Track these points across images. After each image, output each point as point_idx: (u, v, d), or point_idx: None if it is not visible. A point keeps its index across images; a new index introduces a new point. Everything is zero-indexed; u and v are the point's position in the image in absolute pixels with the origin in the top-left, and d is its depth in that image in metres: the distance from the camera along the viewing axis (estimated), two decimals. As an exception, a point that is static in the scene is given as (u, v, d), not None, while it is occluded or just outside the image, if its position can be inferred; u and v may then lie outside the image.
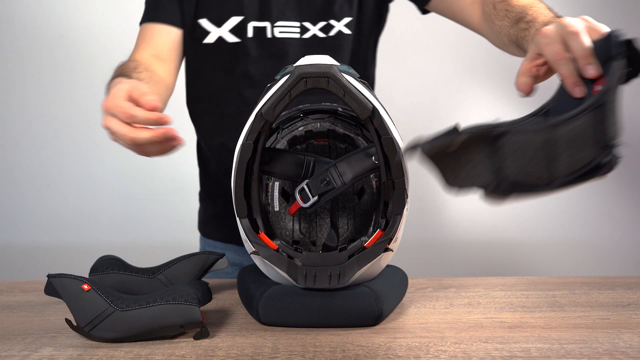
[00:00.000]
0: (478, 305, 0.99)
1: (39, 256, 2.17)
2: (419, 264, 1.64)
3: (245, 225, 0.91)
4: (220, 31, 1.25)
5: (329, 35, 1.25)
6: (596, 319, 0.92)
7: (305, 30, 1.25)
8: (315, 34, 1.25)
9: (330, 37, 1.25)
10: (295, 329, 0.88)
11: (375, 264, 0.90)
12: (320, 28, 1.24)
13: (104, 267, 0.99)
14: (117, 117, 0.88)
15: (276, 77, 0.93)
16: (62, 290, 0.83)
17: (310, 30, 1.24)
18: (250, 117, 0.92)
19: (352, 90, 0.86)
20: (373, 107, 0.87)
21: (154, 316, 0.82)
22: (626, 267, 2.20)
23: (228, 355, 0.79)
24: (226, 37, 1.25)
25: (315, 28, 1.24)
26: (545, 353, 0.78)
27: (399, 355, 0.78)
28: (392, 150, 0.88)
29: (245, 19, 1.24)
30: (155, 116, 0.86)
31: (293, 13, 1.24)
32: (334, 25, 1.24)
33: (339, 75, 0.86)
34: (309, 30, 1.24)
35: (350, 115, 0.99)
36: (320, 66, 0.86)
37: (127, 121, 0.88)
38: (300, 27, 1.25)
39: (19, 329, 0.89)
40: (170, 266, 1.00)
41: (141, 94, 0.90)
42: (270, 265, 0.90)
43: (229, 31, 1.25)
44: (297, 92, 0.87)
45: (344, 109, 1.00)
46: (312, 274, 0.87)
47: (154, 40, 1.25)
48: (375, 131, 0.88)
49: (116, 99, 0.89)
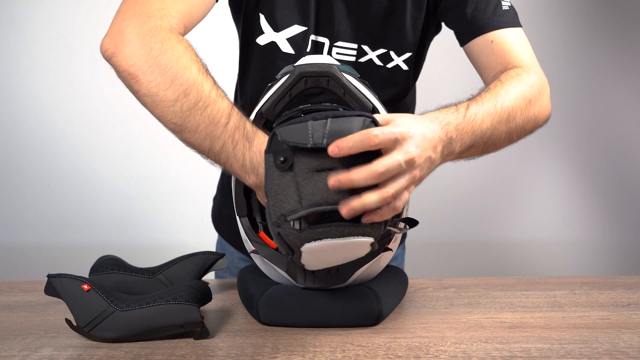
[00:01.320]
0: (478, 305, 0.99)
1: (39, 256, 2.18)
2: (419, 264, 1.63)
3: (245, 224, 0.91)
4: (276, 36, 1.09)
5: (386, 66, 1.14)
6: (596, 319, 0.92)
7: (362, 53, 1.13)
8: (372, 60, 1.13)
9: (387, 67, 1.14)
10: (295, 329, 0.88)
11: (374, 264, 0.90)
12: (379, 55, 1.13)
13: (104, 267, 0.99)
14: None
15: (277, 77, 0.93)
16: (62, 290, 0.83)
17: (368, 54, 1.13)
18: (251, 116, 0.92)
19: (352, 89, 0.86)
20: (373, 106, 0.87)
21: (154, 316, 0.82)
22: (626, 267, 2.20)
23: (228, 355, 0.79)
24: (281, 44, 1.09)
25: (373, 54, 1.12)
26: (545, 353, 0.78)
27: (399, 355, 0.78)
28: None
29: (307, 30, 1.10)
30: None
31: (353, 32, 1.12)
32: (393, 58, 1.14)
33: (338, 74, 0.86)
34: (367, 55, 1.13)
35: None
36: (320, 65, 0.86)
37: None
38: (358, 49, 1.12)
39: (19, 329, 0.89)
40: (170, 266, 1.00)
41: None
42: (270, 264, 0.90)
43: (287, 39, 1.09)
44: (297, 91, 0.87)
45: (344, 109, 0.99)
46: (312, 273, 0.87)
47: (191, 1, 0.97)
48: None
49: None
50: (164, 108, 0.84)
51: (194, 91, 0.83)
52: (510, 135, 0.96)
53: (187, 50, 0.87)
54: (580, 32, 2.14)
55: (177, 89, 0.83)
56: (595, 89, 2.16)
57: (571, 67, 2.16)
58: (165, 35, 0.87)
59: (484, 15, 1.10)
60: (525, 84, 0.99)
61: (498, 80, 1.00)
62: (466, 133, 0.87)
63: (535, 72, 1.05)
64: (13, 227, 2.19)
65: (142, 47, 0.85)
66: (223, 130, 0.82)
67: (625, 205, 2.22)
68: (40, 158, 2.17)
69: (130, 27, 0.87)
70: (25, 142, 2.17)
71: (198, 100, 0.82)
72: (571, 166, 2.21)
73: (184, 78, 0.83)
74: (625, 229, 2.22)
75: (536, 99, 1.00)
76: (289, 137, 0.71)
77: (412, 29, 1.14)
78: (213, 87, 0.85)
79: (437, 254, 2.17)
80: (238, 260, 1.29)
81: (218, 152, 0.83)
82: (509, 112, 0.94)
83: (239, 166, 0.82)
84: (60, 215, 2.18)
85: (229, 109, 0.84)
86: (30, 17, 2.12)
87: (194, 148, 0.85)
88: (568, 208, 2.22)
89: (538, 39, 2.05)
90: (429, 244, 2.17)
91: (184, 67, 0.84)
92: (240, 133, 0.82)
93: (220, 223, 1.35)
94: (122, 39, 0.86)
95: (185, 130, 0.84)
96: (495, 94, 0.95)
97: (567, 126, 2.16)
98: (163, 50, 0.85)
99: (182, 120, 0.83)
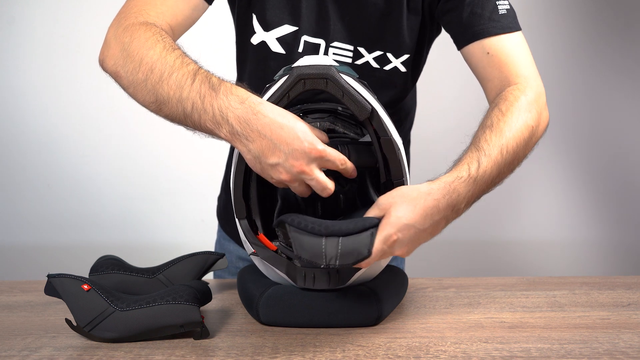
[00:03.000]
0: (478, 305, 0.99)
1: (39, 256, 2.17)
2: (419, 264, 1.63)
3: (244, 226, 0.91)
4: (266, 36, 1.09)
5: (383, 69, 1.12)
6: (596, 319, 0.92)
7: (359, 55, 1.11)
8: (369, 62, 1.11)
9: (384, 70, 1.12)
10: (295, 329, 0.88)
11: (375, 264, 0.90)
12: (375, 58, 1.11)
13: (104, 267, 0.99)
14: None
15: (275, 78, 0.93)
16: (62, 290, 0.83)
17: (365, 57, 1.11)
18: None
19: (350, 91, 0.86)
20: (372, 108, 0.87)
21: (154, 316, 0.82)
22: (626, 267, 2.20)
23: (228, 355, 0.79)
24: (271, 44, 1.09)
25: (370, 56, 1.11)
26: (545, 353, 0.78)
27: (399, 355, 0.78)
28: (392, 151, 0.88)
29: (299, 30, 1.08)
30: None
31: (348, 33, 1.10)
32: (391, 60, 1.11)
33: (337, 76, 0.86)
34: (363, 57, 1.11)
35: (350, 114, 0.99)
36: (318, 67, 0.86)
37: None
38: (354, 51, 1.11)
39: (19, 329, 0.89)
40: (170, 266, 1.00)
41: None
42: (269, 266, 0.90)
43: (276, 39, 1.09)
44: (296, 93, 0.86)
45: (343, 109, 0.99)
46: (312, 275, 0.87)
47: (174, 5, 1.02)
48: (374, 132, 0.88)
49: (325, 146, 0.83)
50: (140, 91, 0.90)
51: (158, 65, 0.88)
52: (513, 170, 0.97)
53: (155, 34, 0.93)
54: (580, 33, 2.14)
55: (144, 69, 0.89)
56: (596, 89, 2.16)
57: (571, 68, 2.16)
58: (136, 28, 0.95)
59: (479, 20, 1.07)
60: (526, 111, 0.99)
61: (498, 109, 0.98)
62: (475, 195, 0.89)
63: (532, 87, 1.04)
64: (13, 227, 2.19)
65: (117, 45, 0.94)
66: (190, 89, 0.85)
67: (625, 206, 2.22)
68: (40, 158, 2.17)
69: (110, 34, 0.98)
70: (25, 142, 2.17)
71: (163, 72, 0.88)
72: (571, 166, 2.21)
73: (148, 57, 0.89)
74: (625, 229, 2.22)
75: (537, 123, 1.00)
76: (303, 253, 0.79)
77: (409, 30, 1.12)
78: (178, 57, 0.89)
79: (437, 254, 2.16)
80: (237, 260, 1.29)
81: (190, 113, 0.85)
82: (513, 152, 0.94)
83: (210, 119, 0.84)
84: (60, 215, 2.18)
85: (195, 70, 0.87)
86: (30, 17, 2.12)
87: (173, 120, 0.89)
88: (568, 208, 2.22)
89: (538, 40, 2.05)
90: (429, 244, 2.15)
91: (148, 48, 0.90)
92: (206, 86, 0.85)
93: (227, 222, 1.34)
94: (106, 46, 0.97)
95: (161, 104, 0.88)
96: (500, 134, 0.94)
97: (567, 126, 2.16)
98: (131, 41, 0.93)
99: (155, 96, 0.88)
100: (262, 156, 0.82)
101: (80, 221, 2.18)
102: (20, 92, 2.15)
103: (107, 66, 0.96)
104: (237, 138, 0.82)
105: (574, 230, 2.22)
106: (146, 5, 1.00)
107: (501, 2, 1.09)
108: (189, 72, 0.87)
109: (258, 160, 0.83)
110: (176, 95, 0.86)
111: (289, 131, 0.81)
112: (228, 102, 0.83)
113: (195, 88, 0.85)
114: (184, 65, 0.88)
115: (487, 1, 1.08)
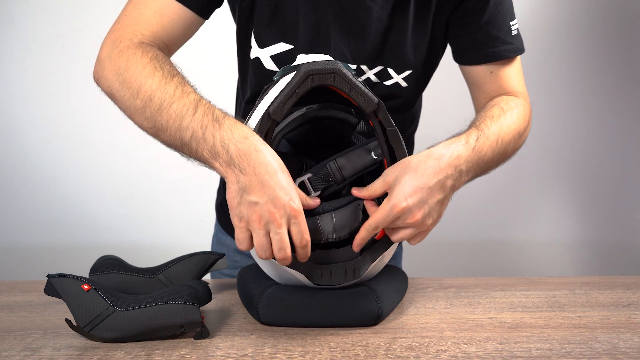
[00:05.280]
0: (478, 305, 0.99)
1: (39, 256, 2.17)
2: (419, 264, 1.63)
3: None
4: (261, 52, 1.07)
5: (384, 84, 1.09)
6: (596, 319, 0.92)
7: (360, 73, 1.08)
8: (369, 78, 1.08)
9: (384, 84, 1.09)
10: (295, 329, 0.88)
11: (378, 261, 0.91)
12: (376, 73, 1.08)
13: (104, 267, 0.99)
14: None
15: (274, 78, 0.93)
16: (62, 290, 0.83)
17: (366, 73, 1.07)
18: (254, 117, 0.91)
19: (357, 84, 0.86)
20: (378, 100, 0.87)
21: (154, 316, 0.82)
22: (626, 267, 2.20)
23: (228, 355, 0.79)
24: (264, 61, 1.06)
25: (370, 72, 1.07)
26: (545, 353, 0.78)
27: (399, 355, 0.78)
28: (397, 142, 0.88)
29: (294, 49, 1.05)
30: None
31: (351, 53, 1.06)
32: (392, 75, 1.08)
33: (344, 70, 0.86)
34: (364, 74, 1.07)
35: (338, 105, 0.99)
36: (326, 62, 0.86)
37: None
38: (357, 69, 1.07)
39: (19, 329, 0.89)
40: (170, 266, 1.00)
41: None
42: (281, 267, 0.89)
43: (270, 56, 1.06)
44: (304, 90, 0.86)
45: (333, 107, 0.99)
46: (328, 272, 0.88)
47: (169, 24, 1.03)
48: (380, 124, 0.88)
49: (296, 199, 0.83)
50: (138, 116, 0.93)
51: (158, 95, 0.90)
52: (499, 163, 1.02)
53: (152, 60, 0.94)
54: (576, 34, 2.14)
55: (143, 97, 0.91)
56: (595, 89, 2.16)
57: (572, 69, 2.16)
58: (131, 52, 0.96)
59: (495, 42, 1.07)
60: (520, 117, 1.05)
61: (499, 107, 1.03)
62: (473, 165, 0.93)
63: (524, 102, 1.09)
64: (13, 227, 2.19)
65: (112, 69, 0.96)
66: (191, 120, 0.87)
67: (625, 206, 2.21)
68: (40, 158, 2.17)
69: (105, 53, 0.99)
70: (25, 142, 2.17)
71: (163, 101, 0.89)
72: (571, 166, 2.21)
73: (147, 86, 0.91)
74: (625, 229, 2.22)
75: (525, 132, 1.07)
76: None
77: (414, 47, 1.08)
78: (178, 86, 0.90)
79: (437, 254, 2.16)
80: (234, 253, 1.29)
81: (188, 141, 0.87)
82: (506, 145, 1.00)
83: (209, 149, 0.85)
84: (60, 215, 2.18)
85: (196, 101, 0.89)
86: (30, 17, 2.12)
87: (170, 146, 0.91)
88: (568, 208, 2.22)
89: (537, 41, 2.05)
90: (429, 244, 2.15)
91: (147, 76, 0.92)
92: (209, 118, 0.86)
93: (223, 215, 1.34)
94: (100, 65, 0.99)
95: (158, 130, 0.90)
96: (499, 125, 1.00)
97: (567, 126, 2.16)
98: (128, 67, 0.94)
99: (153, 123, 0.90)
100: (246, 191, 0.83)
101: (80, 221, 2.18)
102: (20, 91, 2.15)
103: (102, 86, 0.99)
104: (231, 168, 0.84)
105: (573, 230, 2.22)
106: (140, 25, 1.01)
107: (513, 22, 1.09)
108: (190, 102, 0.88)
109: (241, 193, 0.83)
110: (176, 124, 0.88)
111: (279, 181, 0.82)
112: (232, 135, 0.84)
113: (197, 118, 0.86)
114: (185, 95, 0.89)
115: (502, 22, 1.07)
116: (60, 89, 2.15)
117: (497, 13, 1.07)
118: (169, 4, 1.02)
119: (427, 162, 0.88)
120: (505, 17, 1.08)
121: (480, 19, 1.07)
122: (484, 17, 1.06)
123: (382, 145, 0.90)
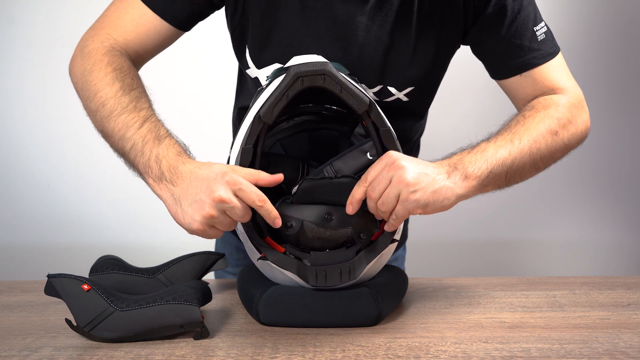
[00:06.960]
0: (478, 305, 0.99)
1: (39, 256, 2.17)
2: (419, 264, 1.63)
3: (250, 229, 0.90)
4: (258, 72, 1.07)
5: (384, 101, 1.07)
6: (596, 319, 0.92)
7: None
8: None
9: (384, 101, 1.07)
10: (295, 329, 0.88)
11: (377, 260, 0.90)
12: (376, 92, 1.06)
13: (104, 267, 0.99)
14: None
15: (265, 81, 0.92)
16: (62, 290, 0.83)
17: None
18: (246, 120, 0.91)
19: (348, 85, 0.86)
20: (370, 100, 0.87)
21: (154, 316, 0.82)
22: (626, 267, 2.20)
23: (228, 355, 0.79)
24: (264, 81, 1.04)
25: (370, 91, 1.05)
26: (545, 353, 0.78)
27: (399, 355, 0.78)
28: (391, 141, 0.88)
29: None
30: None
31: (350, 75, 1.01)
32: (393, 93, 1.06)
33: (334, 71, 0.85)
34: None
35: (335, 116, 0.99)
36: (315, 64, 0.85)
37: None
38: None
39: (19, 329, 0.89)
40: (170, 266, 1.00)
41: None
42: (277, 268, 0.89)
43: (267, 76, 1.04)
44: (294, 92, 0.85)
45: (328, 111, 0.99)
46: (323, 273, 0.87)
47: (144, 34, 1.04)
48: (373, 125, 0.88)
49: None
50: (91, 117, 1.00)
51: (111, 103, 0.95)
52: (536, 165, 0.99)
53: (116, 70, 0.99)
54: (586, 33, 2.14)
55: (97, 101, 0.97)
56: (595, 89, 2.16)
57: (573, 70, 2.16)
58: (99, 58, 1.01)
59: (519, 52, 1.04)
60: (552, 117, 1.00)
61: (522, 115, 1.01)
62: (477, 159, 0.92)
63: (566, 95, 1.05)
64: (13, 227, 2.19)
65: (79, 67, 1.02)
66: (135, 132, 0.92)
67: (626, 206, 2.21)
68: (40, 158, 2.17)
69: (78, 50, 1.05)
70: (25, 142, 2.17)
71: (113, 110, 0.95)
72: (571, 166, 2.21)
73: (104, 92, 0.97)
74: (625, 229, 2.22)
75: (565, 128, 1.02)
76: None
77: (416, 65, 1.05)
78: (133, 100, 0.95)
79: (437, 254, 2.16)
80: (235, 251, 1.28)
81: (128, 151, 0.92)
82: (530, 145, 0.97)
83: (144, 162, 0.90)
84: (60, 215, 2.18)
85: (145, 117, 0.94)
86: (30, 17, 2.12)
87: (114, 151, 0.97)
88: (568, 208, 2.22)
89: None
90: (429, 244, 2.17)
91: (106, 84, 0.97)
92: (152, 135, 0.91)
93: None
94: (72, 60, 1.05)
95: (105, 135, 0.97)
96: (512, 131, 0.98)
97: (567, 126, 2.16)
98: (92, 70, 1.00)
99: (102, 127, 0.96)
100: (182, 196, 0.85)
101: (80, 221, 2.18)
102: (20, 91, 2.15)
103: (71, 78, 1.05)
104: (163, 183, 0.88)
105: (574, 230, 2.22)
106: (115, 30, 1.05)
107: (538, 27, 1.05)
108: (139, 117, 0.93)
109: (179, 202, 0.86)
110: (120, 133, 0.93)
111: (207, 169, 0.85)
112: (166, 152, 0.89)
113: (141, 132, 0.91)
114: (136, 110, 0.94)
115: (524, 29, 1.03)
116: (60, 89, 2.14)
117: (517, 21, 1.03)
118: (146, 14, 1.04)
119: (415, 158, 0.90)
120: (528, 23, 1.03)
121: (499, 31, 1.03)
122: (502, 29, 1.03)
123: (376, 145, 0.89)
